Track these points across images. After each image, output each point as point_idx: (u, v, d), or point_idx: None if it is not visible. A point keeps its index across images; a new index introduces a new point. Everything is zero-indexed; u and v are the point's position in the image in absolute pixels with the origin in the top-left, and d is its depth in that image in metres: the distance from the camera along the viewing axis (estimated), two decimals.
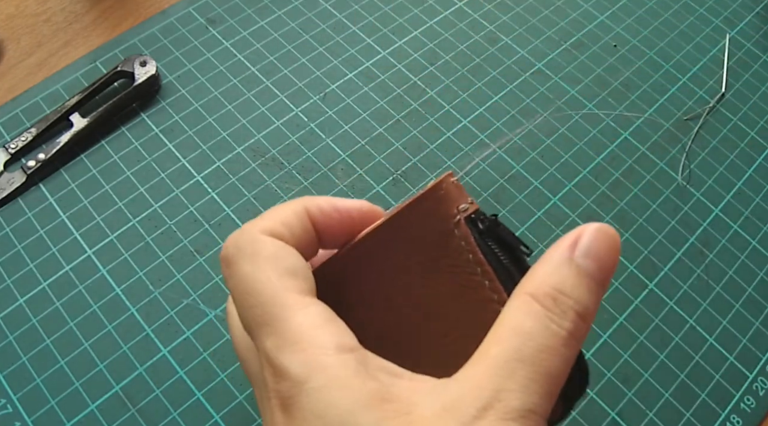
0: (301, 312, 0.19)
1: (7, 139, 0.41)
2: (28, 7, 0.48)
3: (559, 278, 0.18)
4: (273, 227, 0.21)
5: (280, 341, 0.19)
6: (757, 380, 0.35)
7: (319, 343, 0.18)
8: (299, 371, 0.18)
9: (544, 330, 0.18)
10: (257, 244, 0.20)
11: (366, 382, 0.18)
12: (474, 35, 0.48)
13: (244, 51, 0.46)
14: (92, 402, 0.33)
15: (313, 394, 0.17)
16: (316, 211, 0.22)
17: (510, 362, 0.17)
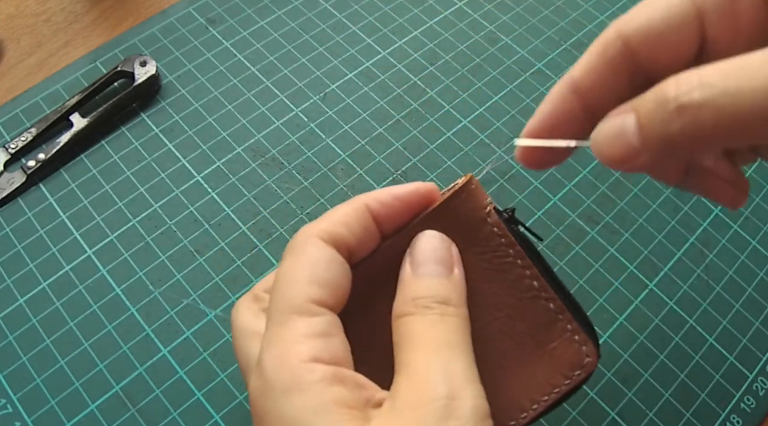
0: (302, 320, 0.20)
1: (7, 139, 0.41)
2: (28, 7, 0.48)
3: (410, 293, 0.22)
4: (332, 230, 0.22)
5: (272, 336, 0.20)
6: (757, 380, 0.35)
7: (299, 350, 0.19)
8: (269, 370, 0.19)
9: (418, 323, 0.21)
10: (306, 247, 0.21)
11: (330, 387, 0.19)
12: (474, 35, 0.48)
13: (244, 51, 0.46)
14: (92, 402, 0.33)
15: (276, 394, 0.19)
16: (377, 206, 0.23)
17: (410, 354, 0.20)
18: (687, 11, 0.20)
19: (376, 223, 0.23)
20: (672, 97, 0.17)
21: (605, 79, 0.22)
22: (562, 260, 0.38)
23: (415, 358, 0.20)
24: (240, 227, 0.39)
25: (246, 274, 0.37)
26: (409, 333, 0.21)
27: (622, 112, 0.19)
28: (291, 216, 0.39)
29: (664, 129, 0.17)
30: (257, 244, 0.38)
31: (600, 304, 0.37)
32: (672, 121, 0.17)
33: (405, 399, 0.19)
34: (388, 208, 0.22)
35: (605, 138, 0.19)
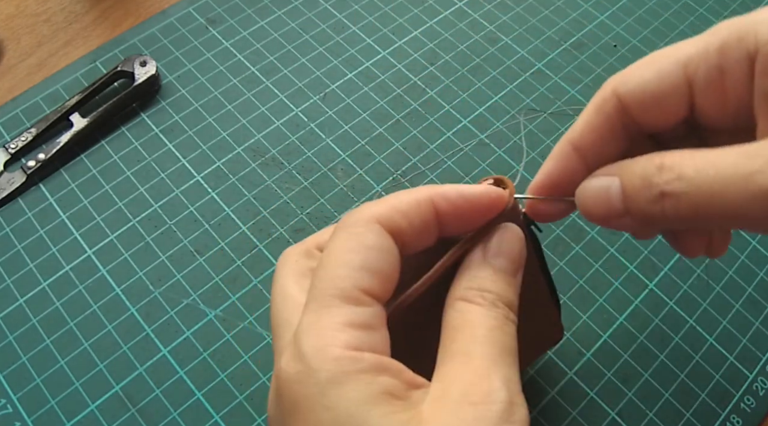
0: (347, 308, 0.19)
1: (7, 139, 0.41)
2: (28, 7, 0.48)
3: (480, 280, 0.21)
4: (391, 216, 0.21)
5: (313, 321, 0.19)
6: (757, 380, 0.35)
7: (342, 339, 0.19)
8: (313, 359, 0.18)
9: (485, 317, 0.20)
10: (362, 229, 0.20)
11: (378, 377, 0.18)
12: (474, 35, 0.48)
13: (244, 51, 0.46)
14: (92, 402, 0.33)
15: (325, 384, 0.18)
16: (443, 202, 0.21)
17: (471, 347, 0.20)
18: (677, 78, 0.21)
19: (438, 219, 0.22)
20: (655, 183, 0.19)
21: (603, 135, 0.23)
22: (562, 260, 0.38)
23: (478, 352, 0.19)
24: (240, 227, 0.39)
25: (246, 274, 0.37)
26: (472, 323, 0.20)
27: (608, 174, 0.21)
28: (291, 216, 0.39)
29: (647, 207, 0.19)
30: (257, 244, 0.38)
31: (600, 304, 0.37)
32: (655, 203, 0.19)
33: (464, 390, 0.18)
34: (454, 207, 0.22)
35: (590, 196, 0.21)
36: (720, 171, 0.18)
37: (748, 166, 0.17)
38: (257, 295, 0.36)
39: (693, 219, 0.19)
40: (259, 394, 0.34)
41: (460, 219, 0.22)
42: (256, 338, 0.35)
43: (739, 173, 0.17)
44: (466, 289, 0.21)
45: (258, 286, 0.37)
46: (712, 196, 0.18)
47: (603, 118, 0.23)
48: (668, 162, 0.19)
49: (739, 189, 0.17)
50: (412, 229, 0.21)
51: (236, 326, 0.35)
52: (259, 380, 0.34)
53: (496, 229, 0.22)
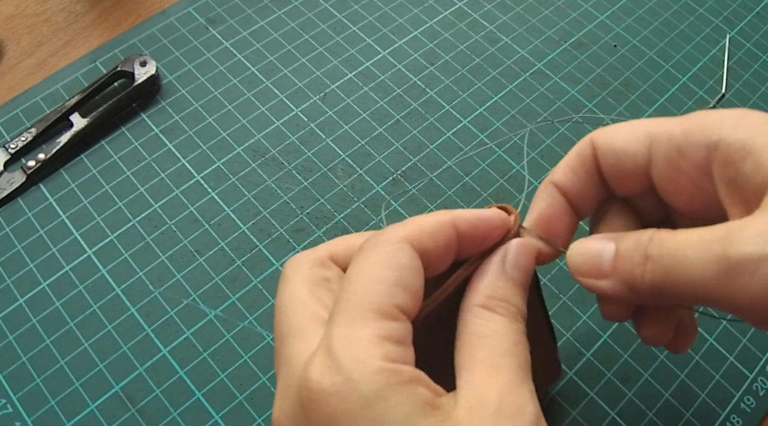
0: (383, 322, 0.19)
1: (7, 139, 0.41)
2: (28, 7, 0.48)
3: (501, 291, 0.22)
4: (419, 237, 0.21)
5: (347, 333, 0.19)
6: (757, 380, 0.35)
7: (381, 351, 0.19)
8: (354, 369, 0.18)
9: (508, 329, 0.21)
10: (395, 248, 0.21)
11: (418, 388, 0.19)
12: (474, 35, 0.48)
13: (244, 51, 0.46)
14: (92, 402, 0.33)
15: (370, 397, 0.18)
16: (462, 224, 0.22)
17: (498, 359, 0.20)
18: (641, 146, 0.23)
19: (457, 241, 0.22)
20: (643, 247, 0.21)
21: (582, 178, 0.25)
22: (562, 260, 0.38)
23: (507, 365, 0.20)
24: (240, 227, 0.39)
25: (246, 274, 0.37)
26: (497, 334, 0.21)
27: (605, 239, 0.22)
28: (291, 216, 0.39)
29: (633, 268, 0.21)
30: (257, 244, 0.38)
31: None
32: (639, 265, 0.21)
33: (499, 401, 0.19)
34: (473, 228, 0.22)
35: (582, 255, 0.23)
36: (691, 240, 0.20)
37: (710, 236, 0.19)
38: (257, 295, 0.36)
39: (663, 284, 0.20)
40: (259, 394, 0.34)
41: (475, 240, 0.23)
42: (256, 338, 0.35)
43: (702, 242, 0.19)
44: (489, 297, 0.22)
45: (258, 286, 0.37)
46: (680, 262, 0.20)
47: (581, 162, 0.25)
48: (658, 235, 0.21)
49: (699, 255, 0.19)
50: (438, 250, 0.22)
51: (236, 326, 0.35)
52: (259, 380, 0.34)
53: (513, 242, 0.23)
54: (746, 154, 0.20)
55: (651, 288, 0.21)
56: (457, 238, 0.22)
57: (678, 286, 0.20)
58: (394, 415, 0.18)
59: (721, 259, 0.19)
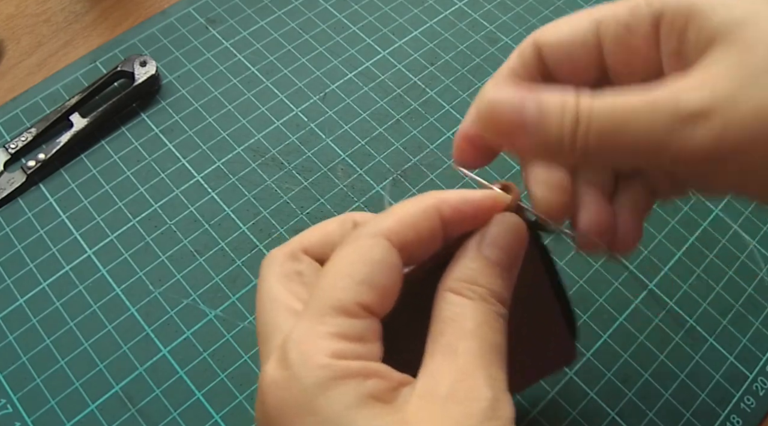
0: (342, 320, 0.19)
1: (7, 139, 0.41)
2: (28, 7, 0.48)
3: (470, 272, 0.21)
4: (398, 230, 0.21)
5: (306, 329, 0.19)
6: (757, 380, 0.35)
7: (331, 348, 0.19)
8: (299, 364, 0.18)
9: (474, 311, 0.20)
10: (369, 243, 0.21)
11: (365, 382, 0.18)
12: (474, 35, 0.48)
13: (244, 51, 0.46)
14: (92, 402, 0.33)
15: (311, 389, 0.18)
16: (447, 209, 0.21)
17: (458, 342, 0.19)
18: (589, 33, 0.22)
19: (443, 226, 0.22)
20: (572, 107, 0.19)
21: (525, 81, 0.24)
22: (562, 260, 0.38)
23: (464, 348, 0.19)
24: (240, 227, 0.39)
25: (246, 274, 0.37)
26: (460, 317, 0.20)
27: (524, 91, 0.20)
28: (291, 216, 0.39)
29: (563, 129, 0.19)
30: (257, 244, 0.38)
31: (600, 304, 0.37)
32: (572, 124, 0.19)
33: (449, 387, 0.18)
34: (459, 212, 0.22)
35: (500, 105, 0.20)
36: (632, 100, 0.19)
37: (653, 92, 0.18)
38: None
39: (602, 144, 0.19)
40: None
41: (462, 224, 0.22)
42: (256, 338, 0.35)
43: (646, 100, 0.18)
44: (457, 280, 0.21)
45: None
46: (624, 121, 0.19)
47: (523, 65, 0.24)
48: (585, 99, 0.19)
49: (645, 111, 0.18)
50: (420, 240, 0.21)
51: (236, 326, 0.35)
52: None
53: (494, 219, 0.22)
54: (689, 19, 0.20)
55: (585, 149, 0.19)
56: (442, 225, 0.21)
57: (619, 146, 0.19)
58: (332, 407, 0.18)
59: (671, 112, 0.18)
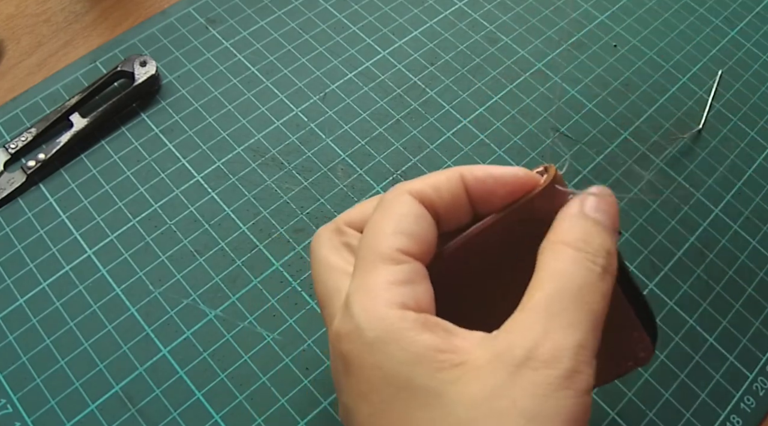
0: (388, 268, 0.20)
1: (7, 139, 0.41)
2: (28, 7, 0.48)
3: (582, 228, 0.21)
4: (422, 189, 0.22)
5: (360, 283, 0.20)
6: (757, 380, 0.35)
7: (386, 297, 0.19)
8: (362, 317, 0.19)
9: (582, 269, 0.19)
10: (395, 201, 0.22)
11: (422, 335, 0.19)
12: (474, 35, 0.48)
13: (244, 51, 0.46)
14: (92, 402, 0.33)
15: (373, 343, 0.19)
16: (471, 179, 0.23)
17: (555, 303, 0.19)
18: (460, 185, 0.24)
19: (468, 194, 0.23)
20: None
21: None
22: None
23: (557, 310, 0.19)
24: (240, 227, 0.39)
25: (246, 274, 0.37)
26: (565, 275, 0.19)
27: None
28: (291, 216, 0.39)
29: None
30: (257, 244, 0.38)
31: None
32: None
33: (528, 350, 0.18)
34: (481, 183, 0.22)
35: None
36: None
37: None
38: (257, 295, 0.36)
39: None
40: (259, 394, 0.34)
41: (489, 196, 0.22)
42: (256, 338, 0.35)
43: None
44: (569, 231, 0.21)
45: (258, 286, 0.37)
46: None
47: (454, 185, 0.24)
48: None
49: None
50: (442, 201, 0.22)
51: (236, 326, 0.35)
52: (259, 380, 0.34)
53: (595, 189, 0.22)
54: None
55: None
56: (466, 192, 0.22)
57: None
58: (392, 361, 0.18)
59: None
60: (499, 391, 0.18)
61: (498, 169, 0.23)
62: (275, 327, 0.35)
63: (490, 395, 0.18)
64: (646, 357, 0.27)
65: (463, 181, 0.23)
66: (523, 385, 0.17)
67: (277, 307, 0.36)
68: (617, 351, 0.24)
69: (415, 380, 0.18)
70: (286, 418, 0.33)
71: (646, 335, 0.25)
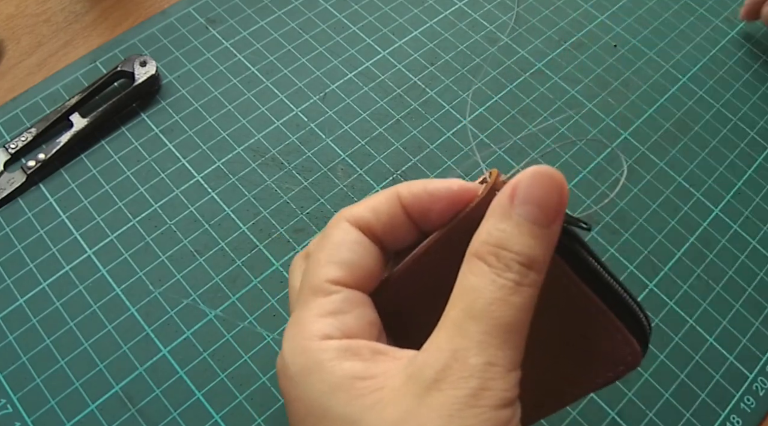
0: (317, 301, 0.21)
1: (7, 139, 0.41)
2: (28, 7, 0.48)
3: (497, 235, 0.19)
4: (359, 214, 0.22)
5: (293, 318, 0.21)
6: (757, 380, 0.35)
7: (311, 330, 0.20)
8: (287, 353, 0.20)
9: (490, 284, 0.19)
10: (332, 229, 0.22)
11: (342, 363, 0.19)
12: (474, 35, 0.48)
13: (244, 51, 0.46)
14: (92, 402, 0.33)
15: (294, 377, 0.19)
16: (407, 196, 0.22)
17: (464, 321, 0.18)
18: None
19: (407, 212, 0.22)
20: None
21: None
22: None
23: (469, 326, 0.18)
24: (240, 227, 0.39)
25: (246, 274, 0.37)
26: (475, 290, 0.19)
27: None
28: (291, 216, 0.39)
29: None
30: (257, 244, 0.38)
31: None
32: None
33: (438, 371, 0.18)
34: (417, 199, 0.22)
35: None
36: None
37: None
38: (257, 295, 0.36)
39: None
40: (259, 394, 0.34)
41: (426, 212, 0.22)
42: (256, 338, 0.35)
43: None
44: (482, 243, 0.19)
45: (258, 286, 0.37)
46: None
47: None
48: None
49: None
50: (380, 223, 0.22)
51: (236, 326, 0.35)
52: (259, 380, 0.34)
53: (529, 170, 0.19)
54: None
55: None
56: (403, 210, 0.22)
57: None
58: (312, 393, 0.19)
59: None
60: (410, 415, 0.18)
61: (432, 183, 0.22)
62: (275, 327, 0.35)
63: (401, 419, 0.18)
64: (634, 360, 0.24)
65: (399, 200, 0.22)
66: (431, 407, 0.17)
67: (277, 307, 0.36)
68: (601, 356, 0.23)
69: (332, 409, 0.18)
70: (286, 418, 0.33)
71: (632, 337, 0.23)
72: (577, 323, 0.23)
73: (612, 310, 0.23)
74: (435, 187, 0.22)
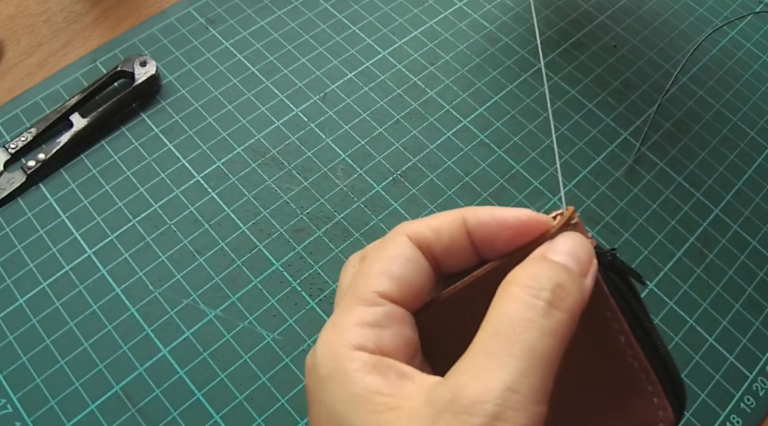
0: (360, 309, 0.20)
1: (7, 139, 0.41)
2: (28, 7, 0.48)
3: (535, 266, 0.20)
4: (420, 232, 0.22)
5: (332, 320, 0.21)
6: (757, 380, 0.35)
7: (347, 336, 0.20)
8: (319, 352, 0.20)
9: (521, 305, 0.18)
10: (390, 242, 0.22)
11: (366, 377, 0.19)
12: (474, 35, 0.48)
13: (244, 51, 0.46)
14: (92, 402, 0.33)
15: (323, 379, 0.19)
16: (473, 222, 0.22)
17: (488, 342, 0.18)
18: None
19: (470, 237, 0.22)
20: None
21: None
22: None
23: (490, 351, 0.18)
24: (240, 227, 0.39)
25: (246, 274, 0.37)
26: (502, 314, 0.18)
27: None
28: (291, 216, 0.39)
29: None
30: (257, 244, 0.38)
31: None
32: None
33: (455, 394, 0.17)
34: (484, 226, 0.22)
35: None
36: None
37: None
38: (257, 295, 0.36)
39: None
40: (259, 394, 0.34)
41: (492, 240, 0.22)
42: (256, 338, 0.35)
43: None
44: (517, 272, 0.20)
45: (258, 286, 0.37)
46: None
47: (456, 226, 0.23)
48: None
49: None
50: (440, 244, 0.22)
51: (236, 326, 0.35)
52: (259, 380, 0.34)
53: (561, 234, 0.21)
54: None
55: None
56: (467, 234, 0.22)
57: None
58: (334, 399, 0.19)
59: None
60: None
61: (500, 212, 0.22)
62: (275, 327, 0.35)
63: None
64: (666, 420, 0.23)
65: (465, 224, 0.22)
66: None
67: (277, 307, 0.36)
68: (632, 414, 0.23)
69: (349, 419, 0.18)
70: (286, 418, 0.33)
71: (668, 404, 0.22)
72: (613, 376, 0.22)
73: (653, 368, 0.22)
74: (503, 215, 0.22)
